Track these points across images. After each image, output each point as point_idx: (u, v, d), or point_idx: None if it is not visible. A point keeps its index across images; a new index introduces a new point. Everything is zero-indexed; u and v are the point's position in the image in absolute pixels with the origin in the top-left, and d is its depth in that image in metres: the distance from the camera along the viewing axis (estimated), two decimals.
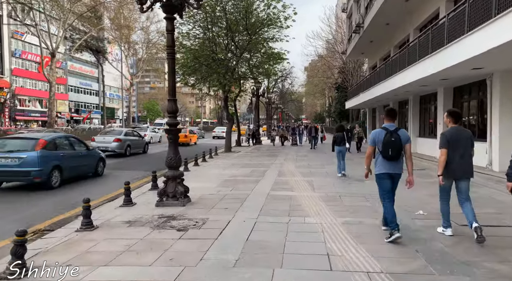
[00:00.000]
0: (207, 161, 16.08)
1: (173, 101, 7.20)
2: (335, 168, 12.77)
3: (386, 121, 5.11)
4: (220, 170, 12.86)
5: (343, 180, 10.54)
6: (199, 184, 9.73)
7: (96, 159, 11.84)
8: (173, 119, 7.23)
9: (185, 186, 7.41)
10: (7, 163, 9.03)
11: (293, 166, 13.83)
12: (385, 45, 24.63)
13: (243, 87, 23.91)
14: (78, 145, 11.36)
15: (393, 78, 16.45)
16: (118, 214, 6.52)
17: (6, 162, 9.03)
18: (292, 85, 56.57)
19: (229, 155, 19.44)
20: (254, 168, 13.27)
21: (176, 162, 7.21)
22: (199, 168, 13.43)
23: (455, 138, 4.87)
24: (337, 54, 39.29)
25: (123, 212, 6.67)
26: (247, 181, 10.32)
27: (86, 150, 11.53)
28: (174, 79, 7.30)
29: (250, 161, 15.97)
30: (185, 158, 12.87)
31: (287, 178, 10.86)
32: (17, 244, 3.89)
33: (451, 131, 4.94)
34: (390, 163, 4.92)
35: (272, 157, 17.90)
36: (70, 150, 10.74)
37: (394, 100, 22.73)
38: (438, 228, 5.24)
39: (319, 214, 6.42)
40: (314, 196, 8.00)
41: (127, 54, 45.42)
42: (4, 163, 9.02)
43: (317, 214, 6.42)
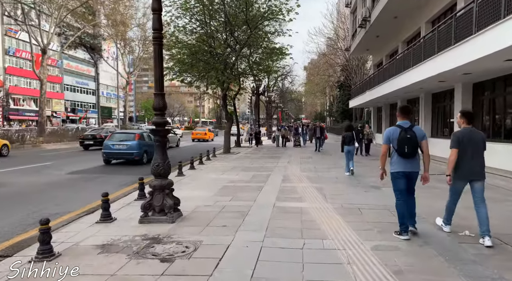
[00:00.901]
0: (205, 163, 14.85)
1: (160, 96, 5.97)
2: (343, 174, 11.67)
3: (400, 118, 5.04)
4: (218, 175, 11.63)
5: (356, 186, 9.32)
6: (194, 193, 8.51)
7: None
8: (161, 117, 6.00)
9: (175, 198, 6.18)
10: (120, 148, 14.88)
11: (298, 170, 12.60)
12: (392, 41, 23.40)
13: (243, 85, 22.63)
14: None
15: (405, 74, 15.23)
16: (91, 235, 5.29)
17: (119, 147, 14.90)
18: (292, 83, 55.30)
19: (228, 156, 18.21)
20: (256, 172, 12.05)
21: (164, 169, 5.98)
22: (195, 172, 12.20)
23: (467, 139, 4.80)
24: (339, 51, 38.01)
25: (98, 231, 5.44)
26: (249, 188, 9.09)
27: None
28: (162, 69, 6.07)
29: (251, 164, 14.73)
30: (180, 161, 11.67)
31: (293, 184, 9.64)
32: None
33: (464, 132, 4.88)
34: (406, 161, 4.86)
35: (275, 159, 16.66)
36: (150, 141, 15.57)
37: (403, 98, 21.50)
38: (437, 219, 5.49)
39: (339, 234, 5.20)
40: (328, 209, 6.78)
41: (123, 51, 44.12)
42: (118, 148, 14.89)
43: (337, 234, 5.20)
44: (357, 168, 12.49)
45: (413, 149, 4.81)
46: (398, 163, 4.91)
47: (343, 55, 37.70)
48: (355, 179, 10.49)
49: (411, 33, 20.19)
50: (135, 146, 14.90)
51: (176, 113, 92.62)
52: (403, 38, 21.35)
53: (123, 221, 6.01)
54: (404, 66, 15.57)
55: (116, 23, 36.05)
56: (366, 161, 15.42)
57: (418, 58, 13.71)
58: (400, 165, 4.89)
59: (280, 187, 9.15)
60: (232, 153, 20.02)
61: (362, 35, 24.41)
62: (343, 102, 39.91)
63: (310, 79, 56.12)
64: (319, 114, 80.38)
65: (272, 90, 44.13)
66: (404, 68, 15.46)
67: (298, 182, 10.02)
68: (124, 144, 14.84)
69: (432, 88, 15.91)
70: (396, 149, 4.87)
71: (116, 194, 8.50)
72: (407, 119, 5.03)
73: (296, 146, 24.22)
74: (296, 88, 70.31)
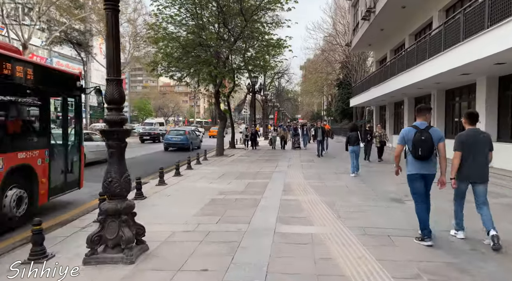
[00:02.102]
0: (194, 168, 13.09)
1: (114, 84, 4.22)
2: (355, 180, 9.99)
3: (418, 118, 4.89)
4: (207, 183, 9.87)
5: (373, 199, 7.61)
6: (172, 210, 6.75)
7: (199, 140, 25.76)
8: (116, 113, 4.24)
9: (137, 226, 4.44)
10: (176, 140, 22.23)
11: (301, 177, 10.86)
12: (398, 34, 21.72)
13: (237, 81, 20.82)
14: (197, 132, 25.97)
15: (418, 68, 13.56)
16: None
17: (175, 139, 22.27)
18: (289, 82, 53.53)
19: (221, 159, 16.45)
20: (252, 180, 10.30)
21: (120, 187, 4.23)
22: (180, 180, 10.44)
23: (471, 140, 4.71)
24: (339, 48, 36.29)
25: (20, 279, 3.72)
26: (242, 203, 7.35)
27: (197, 136, 25.27)
28: (117, 45, 4.31)
29: (247, 169, 12.97)
30: (161, 168, 9.89)
31: (296, 197, 7.90)
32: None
33: (468, 133, 4.79)
34: (421, 163, 4.70)
35: (272, 162, 14.91)
36: (194, 135, 23.51)
37: (410, 96, 19.85)
38: (451, 231, 5.06)
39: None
40: (348, 236, 5.06)
41: None
42: (175, 140, 22.25)
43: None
44: (371, 177, 10.84)
45: (428, 152, 4.62)
46: (413, 165, 4.75)
47: (343, 52, 36.00)
48: (370, 189, 8.79)
49: (420, 25, 18.52)
50: (185, 139, 22.44)
51: (171, 113, 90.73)
52: (411, 30, 19.69)
53: (65, 258, 4.23)
54: (417, 59, 13.88)
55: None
56: (380, 167, 13.57)
57: (436, 49, 12.02)
58: (415, 167, 4.73)
59: (281, 201, 7.42)
60: (226, 155, 18.26)
61: (366, 28, 22.70)
62: (342, 101, 38.19)
63: (308, 78, 54.34)
64: (316, 113, 78.71)
65: (269, 89, 42.40)
66: (418, 61, 13.77)
67: (302, 193, 8.29)
68: (178, 137, 22.51)
69: (448, 83, 14.25)
70: (410, 150, 4.71)
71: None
72: (424, 119, 4.83)
73: (295, 148, 21.86)
74: (293, 88, 68.79)
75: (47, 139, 6.81)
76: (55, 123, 7.82)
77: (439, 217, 5.52)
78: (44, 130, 6.78)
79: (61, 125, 7.70)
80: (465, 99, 14.47)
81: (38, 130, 6.78)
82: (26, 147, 6.13)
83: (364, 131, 14.25)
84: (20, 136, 6.25)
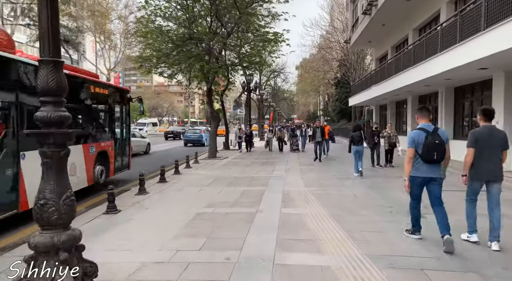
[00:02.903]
0: (182, 172, 11.88)
1: (51, 67, 2.99)
2: (362, 187, 8.87)
3: (422, 120, 4.73)
4: (194, 192, 8.65)
5: (389, 213, 6.44)
6: (146, 231, 5.52)
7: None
8: (53, 109, 3.01)
9: (85, 265, 3.21)
10: (194, 137, 27.39)
11: (301, 183, 9.67)
12: (400, 29, 20.63)
13: (231, 79, 19.57)
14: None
15: (427, 64, 12.45)
16: None
17: (193, 136, 27.63)
18: (286, 81, 52.29)
19: (213, 163, 15.23)
20: (246, 187, 9.10)
21: (58, 212, 2.99)
22: (166, 188, 9.22)
23: (486, 137, 4.51)
24: (337, 45, 35.13)
25: None
26: (234, 218, 6.15)
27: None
28: (55, 15, 3.08)
29: (241, 174, 11.77)
30: (141, 174, 8.67)
31: (298, 210, 6.71)
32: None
33: (482, 130, 4.58)
34: (430, 167, 4.54)
35: (269, 166, 13.70)
36: (207, 134, 23.27)
37: (415, 94, 18.77)
38: (462, 235, 4.77)
39: None
40: (370, 270, 3.88)
41: (103, 46, 40.76)
42: (193, 137, 27.53)
43: None
44: (379, 183, 9.72)
45: (441, 155, 4.51)
46: (420, 168, 4.59)
47: (341, 49, 34.85)
48: (381, 198, 7.63)
49: (425, 18, 17.44)
50: (201, 136, 27.10)
51: (165, 113, 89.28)
52: (415, 24, 18.60)
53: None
54: (426, 53, 12.75)
55: (92, 13, 32.77)
56: (387, 171, 12.31)
57: (449, 41, 10.89)
58: (421, 171, 4.59)
59: (280, 216, 6.23)
60: (219, 157, 17.05)
61: (366, 23, 21.60)
62: (340, 100, 37.03)
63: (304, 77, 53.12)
64: (313, 114, 77.62)
65: (264, 88, 41.22)
66: (427, 56, 12.64)
67: (304, 205, 7.11)
68: (195, 135, 27.59)
69: (458, 80, 13.14)
70: (421, 154, 4.52)
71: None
72: (428, 120, 4.73)
73: (294, 150, 19.92)
74: (289, 87, 67.70)
75: (114, 134, 10.35)
76: (116, 122, 10.72)
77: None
78: (113, 127, 10.37)
79: (120, 124, 10.92)
80: (478, 97, 13.37)
81: (110, 128, 10.26)
82: (104, 139, 9.74)
83: (370, 133, 12.96)
84: (102, 132, 9.82)
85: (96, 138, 9.18)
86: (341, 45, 34.13)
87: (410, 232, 4.93)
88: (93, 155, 8.87)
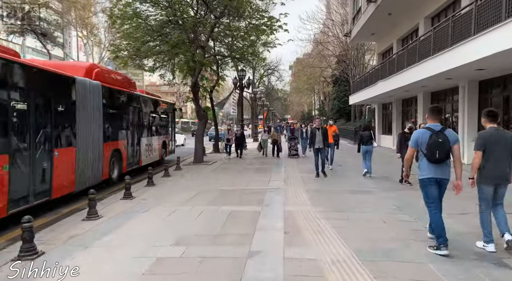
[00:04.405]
0: (156, 183, 9.61)
1: None
2: (388, 207, 6.71)
3: (431, 120, 4.59)
4: (163, 216, 6.37)
5: (455, 257, 4.28)
6: None
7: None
8: None
9: None
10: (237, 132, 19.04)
11: (306, 201, 7.43)
12: (409, 19, 18.53)
13: (221, 73, 17.28)
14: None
15: (453, 52, 10.34)
16: None
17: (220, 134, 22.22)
18: (280, 79, 50.06)
19: (198, 169, 12.96)
20: (235, 207, 6.85)
21: None
22: (127, 208, 6.96)
23: (494, 139, 4.39)
24: (335, 40, 32.94)
25: None
26: (211, 272, 3.90)
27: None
28: None
29: (229, 185, 9.53)
30: (92, 193, 6.39)
31: (310, 250, 4.48)
32: None
33: (490, 132, 4.47)
34: (436, 167, 4.39)
35: (264, 175, 11.38)
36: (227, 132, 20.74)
37: (428, 90, 16.70)
38: (477, 243, 4.53)
39: None
40: None
41: (87, 41, 38.21)
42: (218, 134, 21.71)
43: None
44: (407, 201, 7.51)
45: (445, 155, 4.33)
46: (427, 169, 4.42)
47: (340, 44, 32.69)
48: (422, 227, 5.44)
49: (441, 4, 15.35)
50: (223, 134, 21.05)
51: None
52: (428, 12, 16.51)
53: None
54: (454, 37, 10.61)
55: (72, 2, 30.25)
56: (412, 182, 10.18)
57: (488, 20, 8.76)
58: (429, 171, 4.41)
59: (284, 265, 4.01)
60: (206, 163, 14.78)
61: (370, 13, 19.43)
62: (339, 99, 34.87)
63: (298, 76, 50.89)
64: (307, 113, 75.55)
65: (258, 86, 38.99)
66: (452, 43, 10.52)
67: (318, 239, 4.88)
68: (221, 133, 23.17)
69: (486, 72, 11.03)
70: (425, 153, 4.40)
71: None
72: (437, 121, 4.56)
73: (292, 156, 16.44)
74: (283, 86, 65.57)
75: (168, 131, 16.10)
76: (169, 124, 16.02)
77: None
78: (168, 127, 15.95)
79: (171, 125, 16.31)
80: (510, 91, 11.29)
81: (166, 127, 15.96)
82: (165, 134, 15.48)
83: (402, 135, 9.48)
84: (164, 130, 15.58)
85: (161, 133, 14.80)
86: (340, 39, 32.00)
87: (435, 248, 4.31)
88: (160, 142, 14.57)
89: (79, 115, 8.11)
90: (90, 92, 8.65)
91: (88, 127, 8.53)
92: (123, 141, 10.87)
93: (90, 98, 8.62)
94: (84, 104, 8.33)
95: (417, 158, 4.65)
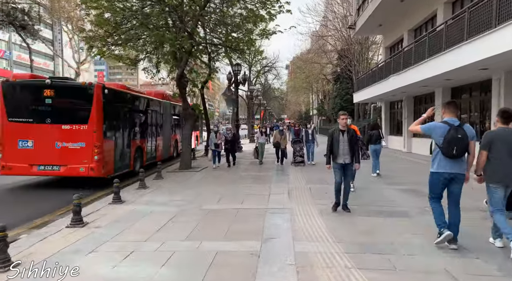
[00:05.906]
0: (125, 199, 7.46)
1: None
2: (454, 254, 4.56)
3: (448, 115, 4.44)
4: (114, 262, 4.24)
5: None
6: None
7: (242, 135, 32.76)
8: None
9: None
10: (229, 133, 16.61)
11: (324, 233, 5.28)
12: (424, 6, 16.50)
13: (213, 65, 15.13)
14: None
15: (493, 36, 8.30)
16: None
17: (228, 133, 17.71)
18: (278, 77, 47.92)
19: (183, 178, 10.81)
20: (221, 246, 4.71)
21: None
22: (57, 250, 4.84)
23: (502, 140, 4.32)
24: (337, 34, 30.82)
25: None
26: None
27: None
28: None
29: (217, 203, 7.37)
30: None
31: None
32: None
33: (498, 132, 4.42)
34: (452, 162, 4.28)
35: (261, 188, 9.19)
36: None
37: (448, 86, 14.68)
38: (490, 238, 4.61)
39: None
40: None
41: (72, 36, 35.94)
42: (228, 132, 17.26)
43: None
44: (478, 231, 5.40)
45: (462, 151, 4.25)
46: (442, 163, 4.32)
47: (342, 39, 30.61)
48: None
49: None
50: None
51: None
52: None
53: None
54: (499, 17, 8.54)
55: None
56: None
57: None
58: (444, 166, 4.31)
59: None
60: (194, 169, 12.65)
61: (380, 1, 17.43)
62: (340, 97, 32.78)
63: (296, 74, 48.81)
64: (305, 113, 73.50)
65: (255, 84, 36.84)
66: (498, 23, 8.46)
67: None
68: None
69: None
70: (441, 147, 4.28)
71: None
72: (455, 116, 4.43)
73: (298, 163, 13.28)
74: (280, 85, 63.53)
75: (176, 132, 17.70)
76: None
77: None
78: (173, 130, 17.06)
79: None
80: None
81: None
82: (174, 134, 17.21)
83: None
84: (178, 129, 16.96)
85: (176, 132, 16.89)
86: (342, 33, 29.93)
87: (438, 235, 4.40)
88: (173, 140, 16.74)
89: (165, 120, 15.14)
90: (167, 107, 15.38)
91: (168, 126, 15.50)
92: (167, 137, 15.53)
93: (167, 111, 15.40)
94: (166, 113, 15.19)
95: (430, 151, 4.50)
